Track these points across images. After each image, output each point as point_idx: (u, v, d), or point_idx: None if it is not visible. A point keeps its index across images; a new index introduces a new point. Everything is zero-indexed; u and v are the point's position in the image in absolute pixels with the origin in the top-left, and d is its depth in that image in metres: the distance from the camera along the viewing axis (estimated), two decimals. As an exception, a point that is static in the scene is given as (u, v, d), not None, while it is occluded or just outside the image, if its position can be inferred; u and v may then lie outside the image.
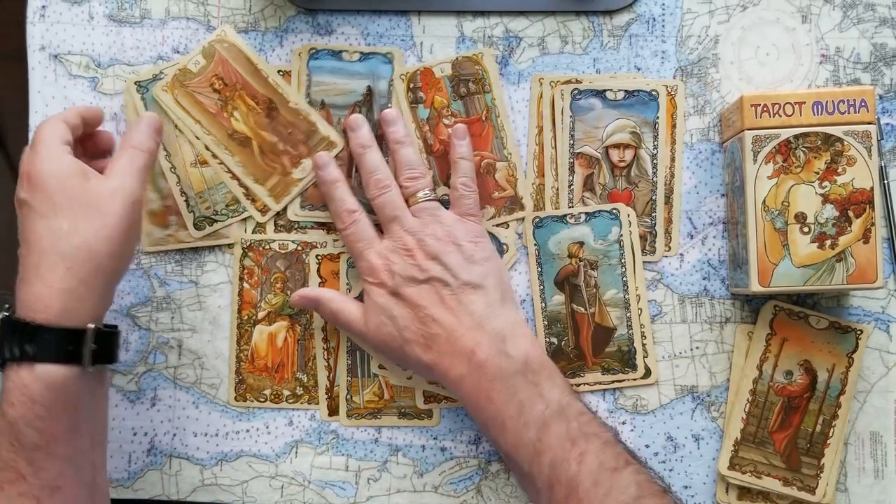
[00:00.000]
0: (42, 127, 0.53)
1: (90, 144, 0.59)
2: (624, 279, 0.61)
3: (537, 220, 0.62)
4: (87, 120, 0.57)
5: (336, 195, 0.59)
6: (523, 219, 0.62)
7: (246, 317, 0.63)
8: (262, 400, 0.62)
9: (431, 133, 0.62)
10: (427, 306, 0.55)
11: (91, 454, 0.51)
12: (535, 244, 0.62)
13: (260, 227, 0.62)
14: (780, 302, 0.60)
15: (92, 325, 0.49)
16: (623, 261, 0.61)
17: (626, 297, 0.61)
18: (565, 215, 0.62)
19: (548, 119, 0.62)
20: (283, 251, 0.63)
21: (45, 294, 0.48)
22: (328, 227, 0.62)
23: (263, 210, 0.62)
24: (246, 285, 0.63)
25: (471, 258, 0.57)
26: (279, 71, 0.62)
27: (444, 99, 0.63)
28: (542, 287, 0.62)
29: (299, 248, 0.63)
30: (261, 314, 0.63)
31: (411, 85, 0.63)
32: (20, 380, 0.48)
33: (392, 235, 0.58)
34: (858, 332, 0.59)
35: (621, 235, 0.61)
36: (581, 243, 0.61)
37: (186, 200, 0.62)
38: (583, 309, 0.61)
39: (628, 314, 0.61)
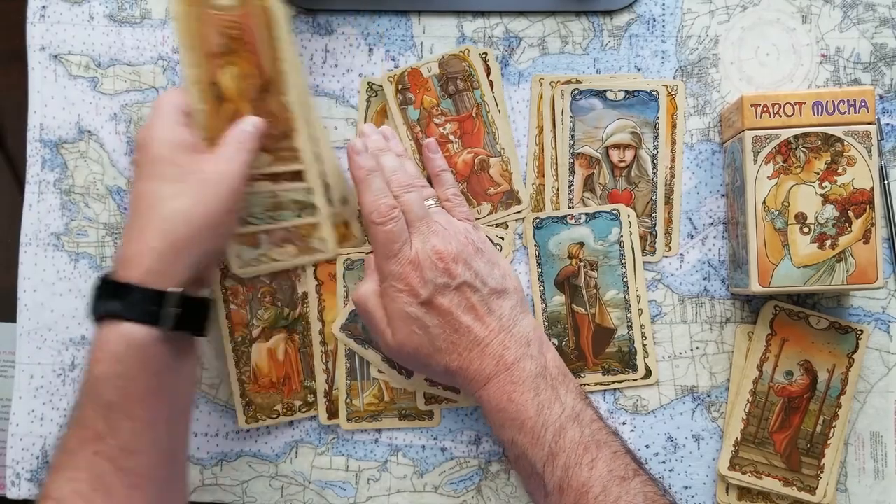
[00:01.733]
0: (163, 95, 0.55)
1: None
2: (624, 280, 0.61)
3: (537, 220, 0.62)
4: None
5: (374, 185, 0.56)
6: (522, 217, 0.62)
7: (240, 338, 0.62)
8: (274, 416, 0.62)
9: (423, 133, 0.62)
10: (459, 314, 0.55)
11: (171, 424, 0.51)
12: (535, 245, 0.62)
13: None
14: (780, 302, 0.60)
15: (177, 289, 0.50)
16: (623, 261, 0.61)
17: (627, 297, 0.61)
18: (565, 216, 0.62)
19: (548, 119, 0.62)
20: None
21: (138, 252, 0.49)
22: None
23: None
24: (233, 306, 0.62)
25: (490, 262, 0.57)
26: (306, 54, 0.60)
27: (433, 98, 0.62)
28: (542, 288, 0.62)
29: None
30: (255, 332, 0.62)
31: (399, 86, 0.62)
32: (105, 336, 0.49)
33: (420, 236, 0.56)
34: (859, 333, 0.59)
35: (621, 236, 0.61)
36: (581, 244, 0.61)
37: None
38: (583, 309, 0.61)
39: (629, 315, 0.61)
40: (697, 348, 0.61)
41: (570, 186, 0.62)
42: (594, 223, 0.61)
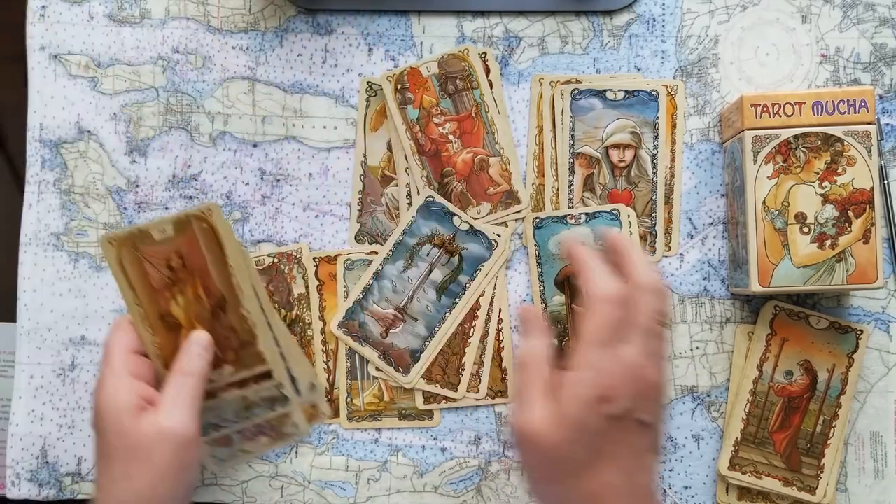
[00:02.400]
0: (110, 337, 0.52)
1: None
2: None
3: (537, 220, 0.62)
4: None
5: (599, 266, 0.49)
6: (522, 217, 0.62)
7: None
8: None
9: (422, 133, 0.62)
10: (633, 457, 0.48)
11: None
12: (535, 245, 0.62)
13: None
14: (780, 302, 0.60)
15: None
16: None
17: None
18: (565, 216, 0.61)
19: (548, 119, 0.62)
20: (261, 267, 0.62)
21: None
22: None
23: None
24: None
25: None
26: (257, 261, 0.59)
27: (432, 98, 0.62)
28: (542, 287, 0.62)
29: (276, 259, 0.62)
30: None
31: (399, 86, 0.62)
32: None
33: (648, 347, 0.47)
34: (858, 333, 0.59)
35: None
36: (581, 244, 0.61)
37: None
38: (583, 310, 0.61)
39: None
40: (697, 348, 0.61)
41: (570, 186, 0.62)
42: (594, 223, 0.61)
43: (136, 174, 0.63)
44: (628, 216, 0.61)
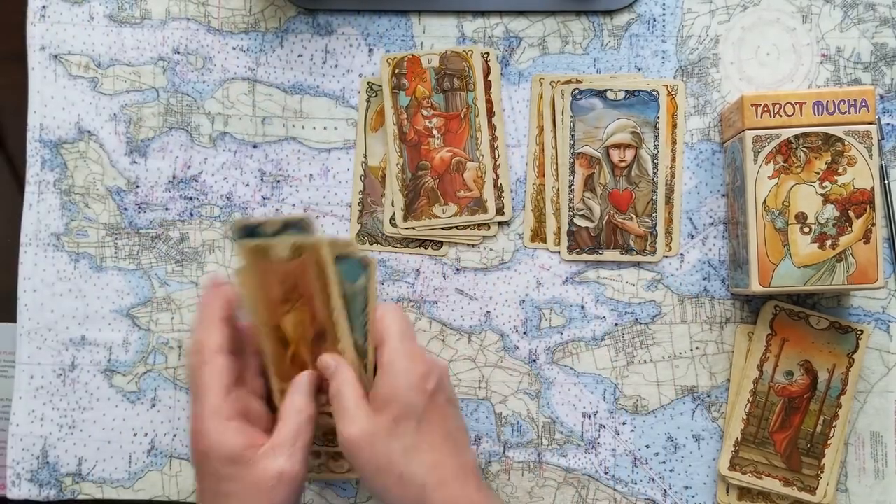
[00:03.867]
0: (200, 372, 0.51)
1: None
2: (365, 328, 0.55)
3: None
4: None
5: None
6: (487, 224, 0.62)
7: None
8: None
9: (408, 122, 0.62)
10: None
11: None
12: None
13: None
14: (780, 302, 0.60)
15: None
16: (366, 310, 0.55)
17: (365, 346, 0.55)
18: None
19: (548, 119, 0.62)
20: None
21: None
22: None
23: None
24: None
25: None
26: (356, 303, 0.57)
27: (426, 90, 0.62)
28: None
29: None
30: None
31: (396, 70, 0.62)
32: None
33: None
34: (859, 333, 0.59)
35: (368, 284, 0.55)
36: None
37: None
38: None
39: (365, 362, 0.55)
40: (697, 348, 0.61)
41: (570, 186, 0.62)
42: (343, 265, 0.55)
43: (136, 175, 0.63)
44: (376, 267, 0.60)
